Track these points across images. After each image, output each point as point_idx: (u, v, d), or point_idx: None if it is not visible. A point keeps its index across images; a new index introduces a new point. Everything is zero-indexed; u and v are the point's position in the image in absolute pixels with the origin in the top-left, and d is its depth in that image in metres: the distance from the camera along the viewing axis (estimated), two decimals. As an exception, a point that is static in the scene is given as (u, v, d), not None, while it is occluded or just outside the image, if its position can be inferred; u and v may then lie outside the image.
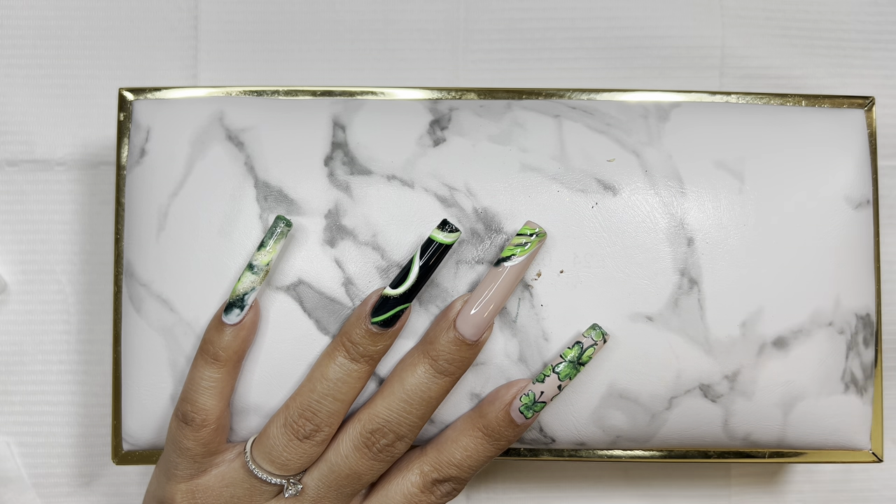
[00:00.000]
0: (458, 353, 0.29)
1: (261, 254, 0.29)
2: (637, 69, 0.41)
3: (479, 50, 0.41)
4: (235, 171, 0.31)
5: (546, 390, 0.29)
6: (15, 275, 0.40)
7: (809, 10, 0.41)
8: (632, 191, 0.31)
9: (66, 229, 0.40)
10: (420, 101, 0.34)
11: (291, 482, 0.30)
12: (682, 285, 0.30)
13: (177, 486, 0.30)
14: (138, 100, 0.34)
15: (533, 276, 0.30)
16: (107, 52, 0.40)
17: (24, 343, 0.40)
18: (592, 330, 0.29)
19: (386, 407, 0.29)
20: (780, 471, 0.40)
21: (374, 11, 0.41)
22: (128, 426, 0.32)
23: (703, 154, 0.32)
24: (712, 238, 0.31)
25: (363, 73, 0.41)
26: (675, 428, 0.32)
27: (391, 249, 0.31)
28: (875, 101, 0.35)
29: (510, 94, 0.35)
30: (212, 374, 0.29)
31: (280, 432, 0.29)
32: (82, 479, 0.40)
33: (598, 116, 0.33)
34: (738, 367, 0.31)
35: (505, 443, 0.30)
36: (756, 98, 0.35)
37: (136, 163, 0.33)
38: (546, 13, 0.41)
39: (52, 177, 0.40)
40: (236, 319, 0.29)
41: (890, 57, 0.41)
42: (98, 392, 0.40)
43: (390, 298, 0.29)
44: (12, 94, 0.40)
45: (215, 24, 0.41)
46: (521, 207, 0.31)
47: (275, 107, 0.33)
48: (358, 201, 0.31)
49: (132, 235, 0.32)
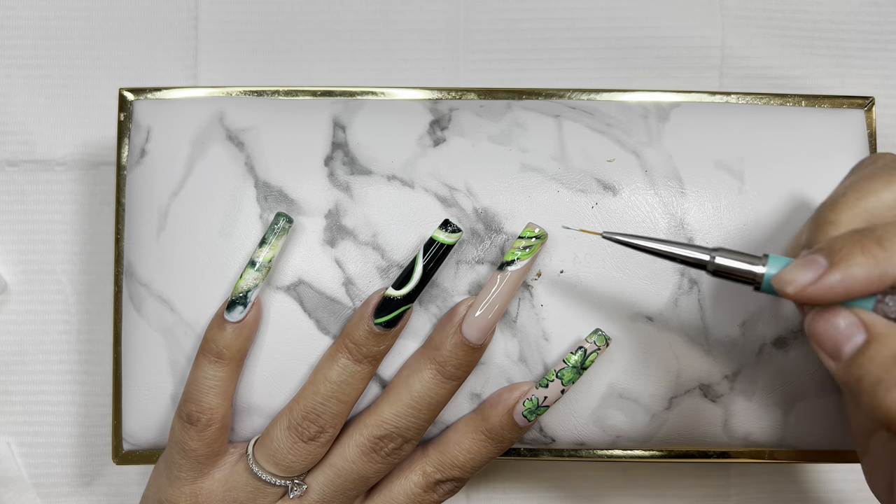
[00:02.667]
0: (465, 356, 0.29)
1: (263, 250, 0.29)
2: (637, 69, 0.41)
3: (479, 50, 0.41)
4: (235, 171, 0.31)
5: (549, 395, 0.29)
6: (15, 275, 0.40)
7: (809, 10, 0.41)
8: (632, 191, 0.31)
9: (66, 229, 0.40)
10: (420, 101, 0.34)
11: (296, 483, 0.30)
12: (681, 285, 0.30)
13: (180, 489, 0.30)
14: (138, 100, 0.34)
15: (533, 276, 0.31)
16: (107, 52, 0.40)
17: (24, 343, 0.40)
18: (595, 335, 0.29)
19: (394, 413, 0.29)
20: (780, 471, 0.40)
21: (374, 11, 0.41)
22: (128, 426, 0.32)
23: (703, 154, 0.32)
24: (712, 238, 0.31)
25: (363, 73, 0.41)
26: (675, 428, 0.32)
27: (391, 249, 0.31)
28: (875, 101, 0.35)
29: (510, 94, 0.35)
30: (215, 373, 0.29)
31: (284, 435, 0.29)
32: (82, 479, 0.40)
33: (598, 116, 0.33)
34: (738, 367, 0.31)
35: (507, 444, 0.31)
36: (756, 98, 0.35)
37: (136, 163, 0.33)
38: (546, 13, 0.41)
39: (52, 177, 0.40)
40: (239, 317, 0.29)
41: (890, 57, 0.41)
42: (98, 392, 0.40)
43: (393, 299, 0.29)
44: (12, 94, 0.40)
45: (215, 24, 0.41)
46: (521, 207, 0.31)
47: (275, 107, 0.33)
48: (358, 201, 0.31)
49: (132, 235, 0.32)
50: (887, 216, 0.23)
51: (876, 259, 0.22)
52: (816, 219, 0.25)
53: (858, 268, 0.22)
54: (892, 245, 0.22)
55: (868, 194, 0.24)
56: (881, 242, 0.22)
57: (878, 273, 0.22)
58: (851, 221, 0.24)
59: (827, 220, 0.24)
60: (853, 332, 0.22)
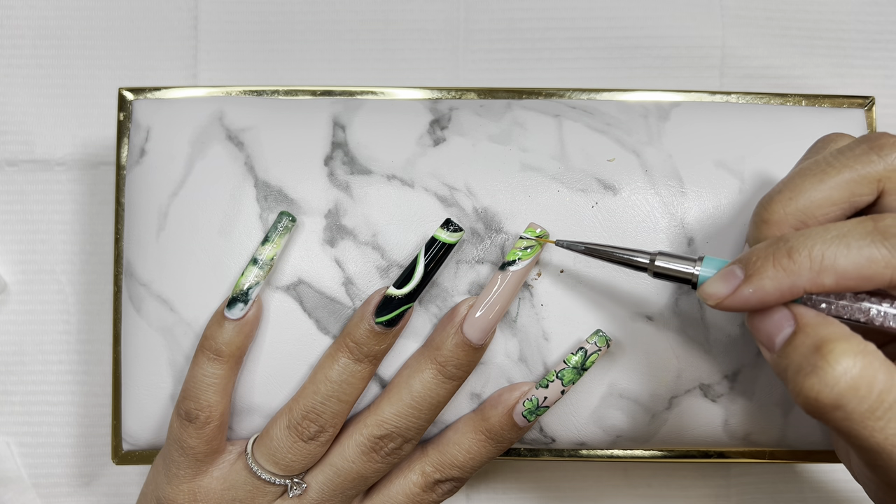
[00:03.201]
0: (465, 356, 0.29)
1: (265, 248, 0.29)
2: (637, 69, 0.41)
3: (479, 50, 0.41)
4: (235, 170, 0.31)
5: (549, 395, 0.29)
6: (15, 275, 0.40)
7: (809, 10, 0.41)
8: (632, 190, 0.31)
9: (66, 229, 0.40)
10: (420, 100, 0.34)
11: (295, 482, 0.30)
12: (682, 285, 0.30)
13: (178, 487, 0.30)
14: (138, 100, 0.34)
15: (533, 276, 0.30)
16: (107, 52, 0.40)
17: (24, 343, 0.40)
18: (596, 335, 0.29)
19: (394, 413, 0.29)
20: (780, 471, 0.40)
21: (374, 11, 0.41)
22: (128, 426, 0.32)
23: (703, 154, 0.32)
24: (712, 238, 0.31)
25: (363, 73, 0.41)
26: (675, 428, 0.32)
27: (391, 249, 0.31)
28: (875, 101, 0.35)
29: (510, 94, 0.35)
30: (214, 371, 0.29)
31: (284, 434, 0.29)
32: (82, 479, 0.40)
33: (598, 116, 0.33)
34: (738, 367, 0.31)
35: (506, 444, 0.31)
36: (756, 98, 0.35)
37: (136, 163, 0.33)
38: (546, 13, 0.41)
39: (52, 177, 0.40)
40: (239, 314, 0.29)
41: (890, 57, 0.41)
42: (98, 392, 0.40)
43: (394, 298, 0.29)
44: (12, 94, 0.40)
45: (215, 24, 0.41)
46: (522, 207, 0.31)
47: (275, 107, 0.33)
48: (358, 201, 0.31)
49: (132, 235, 0.32)
50: (817, 215, 0.24)
51: (786, 271, 0.23)
52: (755, 216, 0.26)
53: (769, 280, 0.23)
54: (801, 257, 0.23)
55: (800, 193, 0.24)
56: (791, 254, 0.23)
57: (788, 285, 0.23)
58: (784, 221, 0.25)
59: (762, 219, 0.25)
60: (784, 323, 0.23)
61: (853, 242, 0.22)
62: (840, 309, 0.24)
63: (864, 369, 0.21)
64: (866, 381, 0.21)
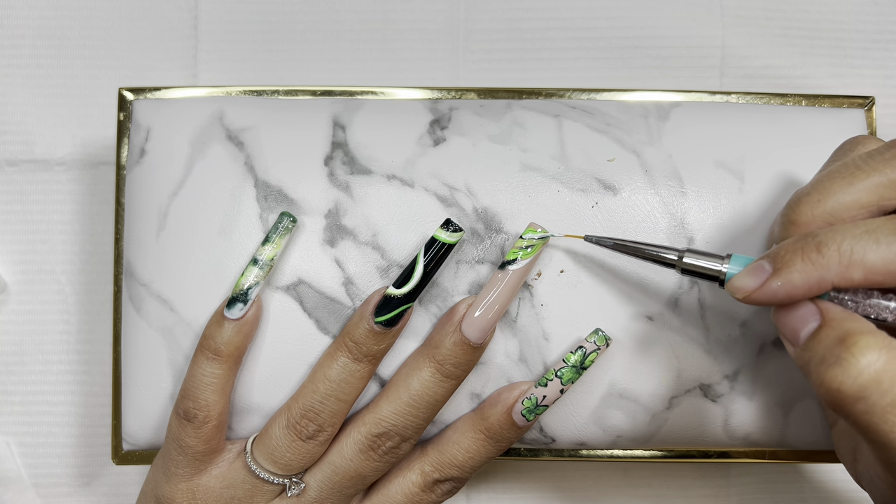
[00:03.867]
0: (464, 355, 0.29)
1: (266, 248, 0.29)
2: (637, 69, 0.41)
3: (479, 50, 0.41)
4: (235, 170, 0.31)
5: (548, 394, 0.29)
6: (15, 275, 0.40)
7: (809, 10, 0.41)
8: (632, 190, 0.31)
9: (65, 229, 0.40)
10: (420, 100, 0.34)
11: (294, 481, 0.30)
12: (682, 285, 0.30)
13: (176, 485, 0.30)
14: (138, 100, 0.34)
15: (533, 276, 0.30)
16: (107, 52, 0.40)
17: (24, 343, 0.40)
18: (595, 334, 0.29)
19: (392, 411, 0.29)
20: (780, 471, 0.40)
21: (374, 11, 0.41)
22: (128, 426, 0.32)
23: (703, 154, 0.32)
24: (712, 238, 0.31)
25: (363, 73, 0.41)
26: (675, 428, 0.32)
27: (391, 249, 0.31)
28: (875, 101, 0.35)
29: (510, 94, 0.35)
30: (213, 370, 0.29)
31: (283, 433, 0.29)
32: (82, 479, 0.40)
33: (598, 116, 0.33)
34: (738, 367, 0.31)
35: (506, 444, 0.30)
36: (756, 98, 0.35)
37: (135, 163, 0.33)
38: (546, 13, 0.41)
39: (51, 177, 0.40)
40: (239, 314, 0.29)
41: (890, 57, 0.41)
42: (98, 392, 0.40)
43: (394, 298, 0.29)
44: (12, 94, 0.40)
45: (215, 24, 0.41)
46: (522, 207, 0.31)
47: (275, 107, 0.33)
48: (358, 201, 0.31)
49: (132, 235, 0.32)
50: (845, 218, 0.24)
51: (815, 265, 0.23)
52: (782, 217, 0.26)
53: (797, 274, 0.23)
54: (829, 251, 0.23)
55: (828, 196, 0.24)
56: (820, 248, 0.23)
57: (816, 278, 0.23)
58: (811, 222, 0.25)
59: (789, 220, 0.25)
60: (809, 318, 0.24)
61: (882, 238, 0.22)
62: (867, 307, 0.24)
63: (889, 363, 0.21)
64: (890, 374, 0.21)
